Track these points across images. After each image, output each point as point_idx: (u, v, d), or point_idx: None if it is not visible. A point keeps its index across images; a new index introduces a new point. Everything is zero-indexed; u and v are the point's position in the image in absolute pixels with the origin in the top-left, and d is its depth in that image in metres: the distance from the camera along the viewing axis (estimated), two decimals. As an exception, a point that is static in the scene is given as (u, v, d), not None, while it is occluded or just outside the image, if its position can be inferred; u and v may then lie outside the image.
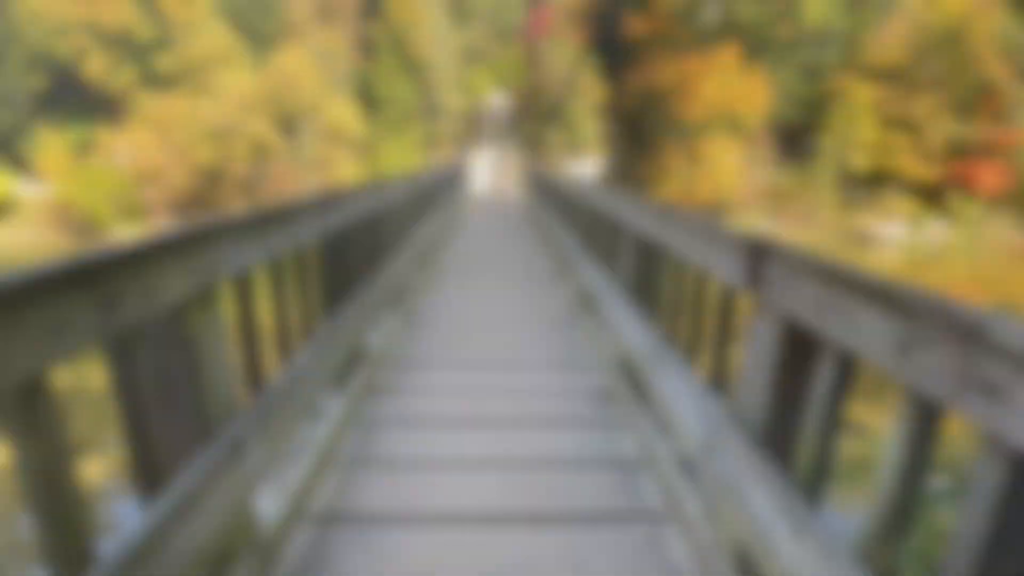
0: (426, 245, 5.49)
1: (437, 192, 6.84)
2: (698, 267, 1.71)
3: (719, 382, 1.72)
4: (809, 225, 26.87)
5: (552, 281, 5.41)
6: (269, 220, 1.52)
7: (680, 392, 1.71)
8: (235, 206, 25.34)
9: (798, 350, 1.19)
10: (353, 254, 2.59)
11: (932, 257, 23.89)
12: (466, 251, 7.15)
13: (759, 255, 1.33)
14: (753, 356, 1.35)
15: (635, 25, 29.39)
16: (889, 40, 26.30)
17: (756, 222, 26.90)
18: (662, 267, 2.20)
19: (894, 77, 26.61)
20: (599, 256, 3.44)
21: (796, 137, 29.47)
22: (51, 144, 24.84)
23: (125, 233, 23.85)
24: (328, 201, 2.11)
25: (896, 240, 26.06)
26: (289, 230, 1.66)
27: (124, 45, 27.17)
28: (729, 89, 24.40)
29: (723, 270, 1.54)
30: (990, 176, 25.42)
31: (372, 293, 2.89)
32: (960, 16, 25.13)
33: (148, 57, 27.95)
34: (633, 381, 2.21)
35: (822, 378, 1.04)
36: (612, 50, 28.50)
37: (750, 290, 1.38)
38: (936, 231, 26.95)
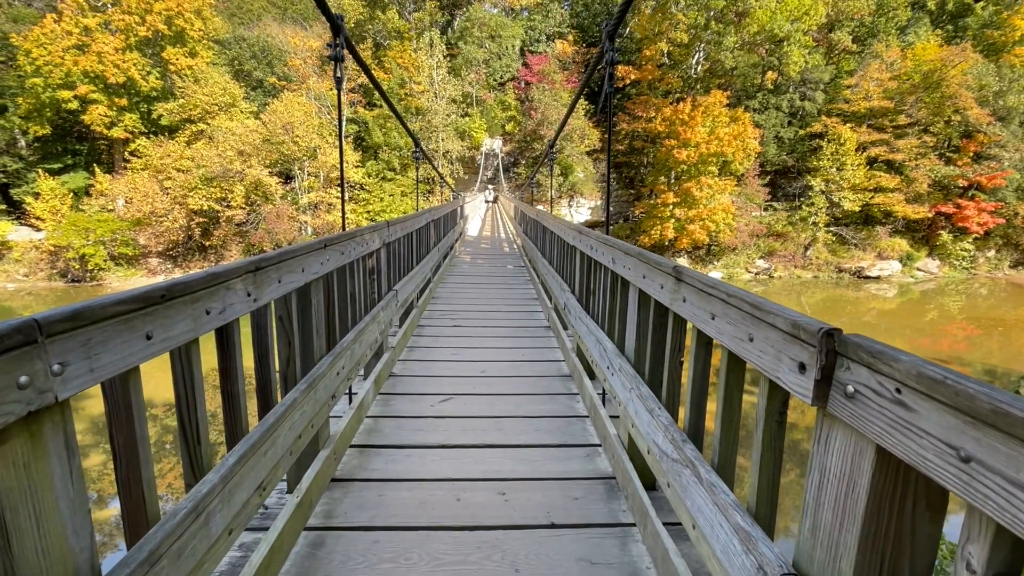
0: (413, 294, 5.19)
1: (427, 238, 6.59)
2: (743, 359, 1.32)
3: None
4: (802, 265, 26.97)
5: (547, 337, 5.08)
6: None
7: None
8: (229, 252, 25.19)
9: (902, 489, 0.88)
10: (312, 318, 2.26)
11: (927, 295, 23.89)
12: (454, 299, 6.84)
13: (832, 354, 0.95)
14: (830, 494, 1.01)
15: (625, 74, 30.45)
16: (868, 87, 27.25)
17: (750, 262, 26.97)
18: (681, 339, 1.92)
19: (877, 121, 27.43)
20: (599, 319, 3.14)
21: (785, 179, 30.05)
22: (47, 190, 24.83)
23: (115, 278, 23.55)
24: (263, 260, 1.70)
25: (890, 279, 26.12)
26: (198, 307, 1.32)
27: (127, 95, 27.71)
28: (718, 133, 24.93)
29: (769, 362, 1.16)
30: (978, 215, 25.83)
31: (338, 363, 2.51)
32: (935, 63, 26.18)
33: (150, 106, 28.49)
34: None
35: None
36: (603, 94, 29.31)
37: (819, 404, 1.04)
38: (929, 269, 27.10)
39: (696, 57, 30.06)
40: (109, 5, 27.76)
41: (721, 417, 1.48)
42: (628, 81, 30.88)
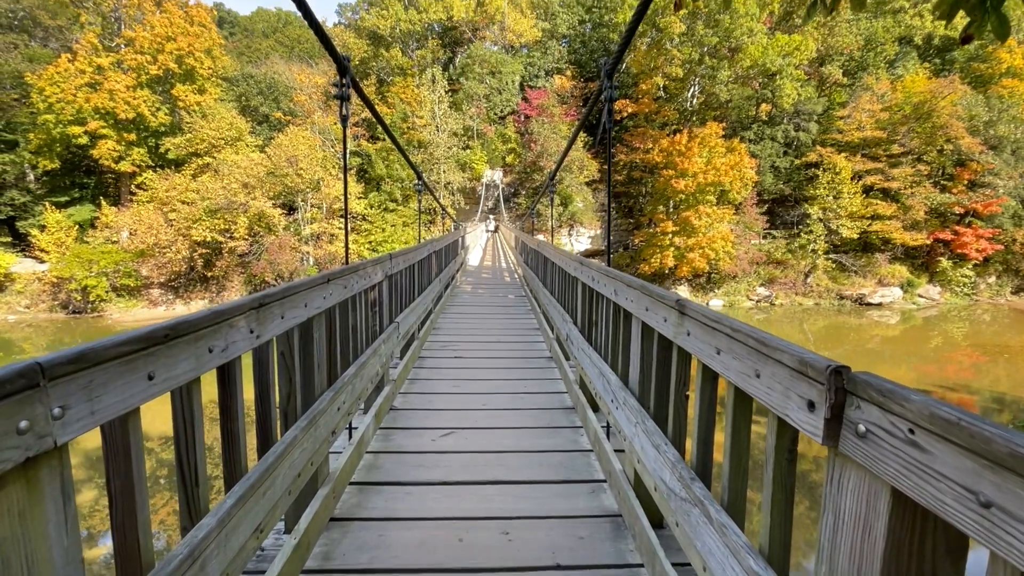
0: (415, 325, 5.17)
1: (429, 269, 6.62)
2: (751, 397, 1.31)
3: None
4: (803, 292, 26.97)
5: (549, 368, 5.03)
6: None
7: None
8: (230, 282, 25.29)
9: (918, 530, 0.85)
10: (314, 353, 2.24)
11: (930, 322, 23.79)
12: (456, 330, 6.81)
13: (841, 392, 0.93)
14: (843, 536, 0.97)
15: (623, 107, 31.19)
16: (861, 118, 27.84)
17: (751, 290, 26.98)
18: (685, 372, 1.89)
19: (871, 150, 27.92)
20: (602, 351, 3.11)
21: (783, 207, 30.38)
22: (53, 223, 25.14)
23: (116, 309, 23.58)
24: (267, 297, 1.68)
25: (892, 305, 26.07)
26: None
27: (136, 130, 28.39)
28: (715, 163, 25.34)
29: (777, 399, 1.14)
30: (976, 241, 25.99)
31: (339, 398, 2.47)
32: (925, 95, 26.82)
33: (158, 140, 29.15)
34: None
35: None
36: (602, 126, 29.96)
37: (830, 444, 1.02)
38: (930, 295, 27.07)
39: (691, 90, 30.84)
40: (123, 45, 28.71)
41: (729, 454, 1.45)
42: (625, 114, 31.60)
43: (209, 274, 24.96)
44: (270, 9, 60.12)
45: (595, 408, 3.35)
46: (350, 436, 2.89)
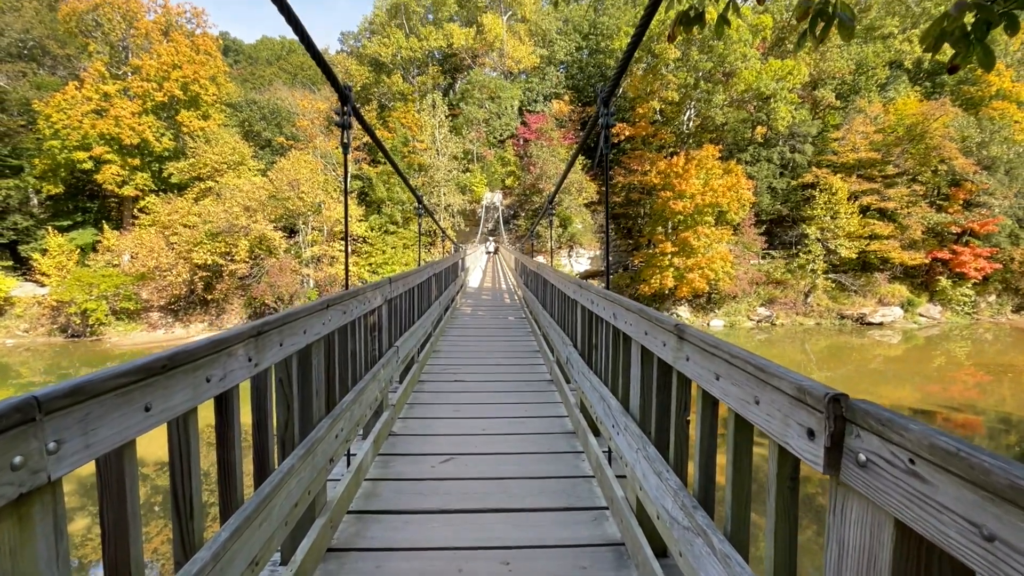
0: (414, 349, 5.15)
1: (428, 292, 6.62)
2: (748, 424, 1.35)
3: None
4: (804, 312, 26.95)
5: (549, 391, 4.99)
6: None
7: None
8: (230, 305, 25.29)
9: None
10: (312, 380, 2.23)
11: (932, 341, 23.70)
12: (456, 352, 6.78)
13: (840, 420, 0.93)
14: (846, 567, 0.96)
15: (620, 130, 31.67)
16: (855, 140, 28.24)
17: (751, 310, 26.96)
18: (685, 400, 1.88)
19: (866, 171, 28.25)
20: (602, 374, 3.10)
21: (781, 227, 30.60)
22: (55, 247, 25.29)
23: (115, 332, 23.52)
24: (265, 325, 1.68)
25: (893, 325, 26.01)
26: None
27: (140, 155, 28.78)
28: (712, 184, 25.61)
29: (777, 427, 1.14)
30: (974, 260, 26.09)
31: (337, 425, 2.44)
32: (917, 117, 27.28)
33: (161, 165, 29.53)
34: None
35: None
36: (599, 151, 30.36)
37: (831, 472, 1.01)
38: (931, 314, 27.04)
39: (687, 114, 31.36)
40: (130, 73, 29.32)
41: (732, 482, 1.43)
42: (623, 137, 32.05)
43: (209, 297, 24.97)
44: (274, 37, 61.50)
45: (596, 432, 3.31)
46: (348, 463, 2.86)
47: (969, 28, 1.41)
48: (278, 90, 40.36)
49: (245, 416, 1.68)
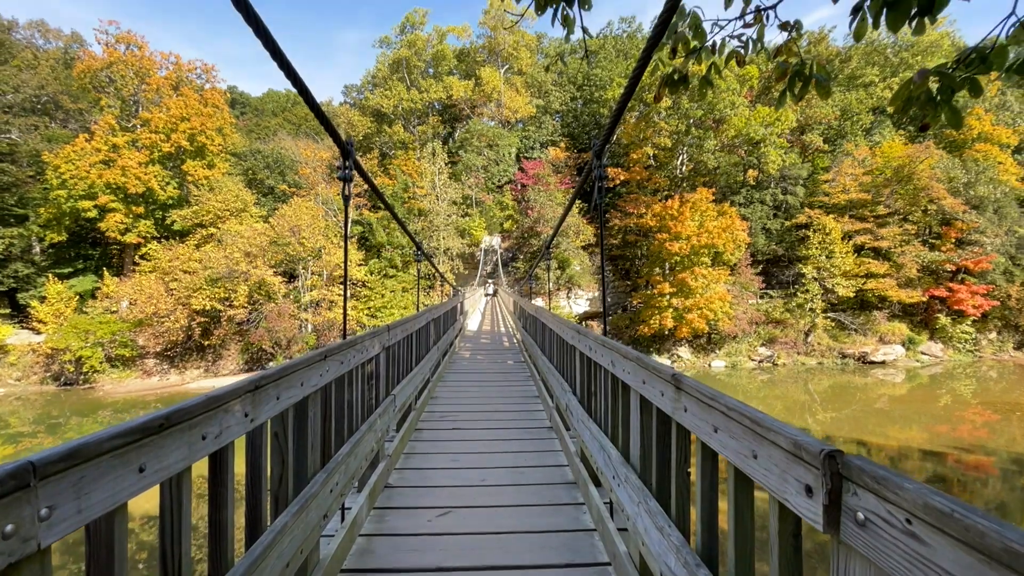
0: (412, 396, 5.09)
1: (427, 338, 6.60)
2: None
3: None
4: (805, 351, 26.79)
5: (549, 439, 4.89)
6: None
7: None
8: (227, 351, 25.09)
9: None
10: (308, 432, 2.19)
11: (936, 380, 23.44)
12: (454, 399, 6.69)
13: (837, 477, 0.92)
14: None
15: (615, 175, 32.50)
16: (845, 181, 28.97)
17: (752, 350, 26.80)
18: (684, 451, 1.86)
19: (858, 212, 28.81)
20: (602, 423, 3.06)
21: (777, 267, 30.89)
22: (54, 294, 25.33)
23: (108, 380, 23.21)
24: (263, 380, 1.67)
25: (896, 363, 25.81)
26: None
27: (145, 203, 29.33)
28: (707, 226, 26.02)
29: (775, 483, 1.13)
30: (971, 297, 26.19)
31: (332, 479, 2.39)
32: (903, 159, 28.10)
33: (165, 213, 30.04)
34: None
35: None
36: (594, 200, 31.04)
37: (831, 532, 1.00)
38: (933, 352, 26.88)
39: (680, 159, 32.27)
40: (139, 126, 30.30)
41: (735, 539, 1.39)
42: (618, 181, 32.84)
43: (206, 343, 24.81)
44: (280, 90, 64.02)
45: (597, 483, 3.23)
46: (342, 518, 2.77)
47: (935, 92, 1.50)
48: (282, 140, 41.63)
49: (239, 466, 1.65)
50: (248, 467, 1.73)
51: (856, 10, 1.59)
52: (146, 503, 9.73)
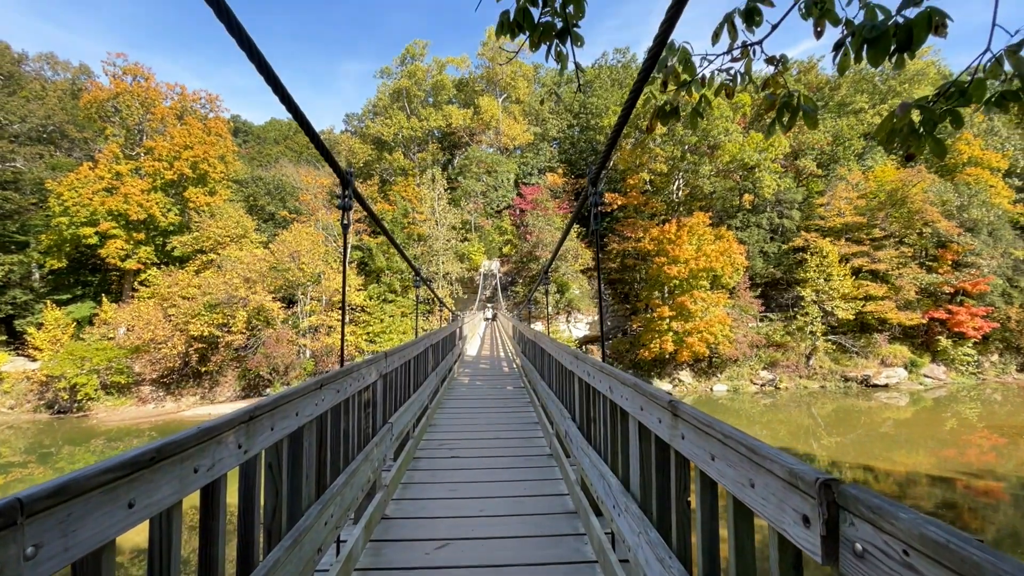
0: (410, 424, 5.03)
1: (425, 364, 6.57)
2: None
3: None
4: (807, 374, 26.60)
5: (549, 467, 4.82)
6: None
7: None
8: (224, 377, 24.88)
9: None
10: (303, 463, 2.16)
11: (940, 403, 23.22)
12: (452, 426, 6.62)
13: (833, 507, 0.91)
14: None
15: (612, 200, 32.88)
16: (840, 205, 29.29)
17: (754, 373, 26.61)
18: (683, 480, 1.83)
19: (854, 235, 29.03)
20: (601, 450, 3.02)
21: (776, 290, 30.94)
22: (51, 320, 25.24)
23: (103, 408, 22.93)
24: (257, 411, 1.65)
25: (899, 386, 25.60)
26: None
27: (146, 230, 29.52)
28: (705, 250, 26.16)
29: (773, 512, 1.11)
30: (971, 319, 26.17)
31: (327, 511, 2.34)
32: (896, 183, 28.48)
33: (165, 239, 30.20)
34: None
35: None
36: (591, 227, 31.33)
37: (830, 563, 0.98)
38: (936, 375, 26.70)
39: (676, 184, 32.69)
40: (142, 154, 30.73)
41: (736, 570, 1.37)
42: (615, 206, 33.19)
43: (203, 369, 24.61)
44: (282, 119, 65.22)
45: (598, 512, 3.18)
46: (338, 551, 2.71)
47: (918, 124, 1.54)
48: (284, 167, 42.22)
49: (230, 497, 1.62)
50: (241, 499, 1.70)
51: (838, 46, 1.66)
52: (136, 536, 9.50)
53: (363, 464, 3.04)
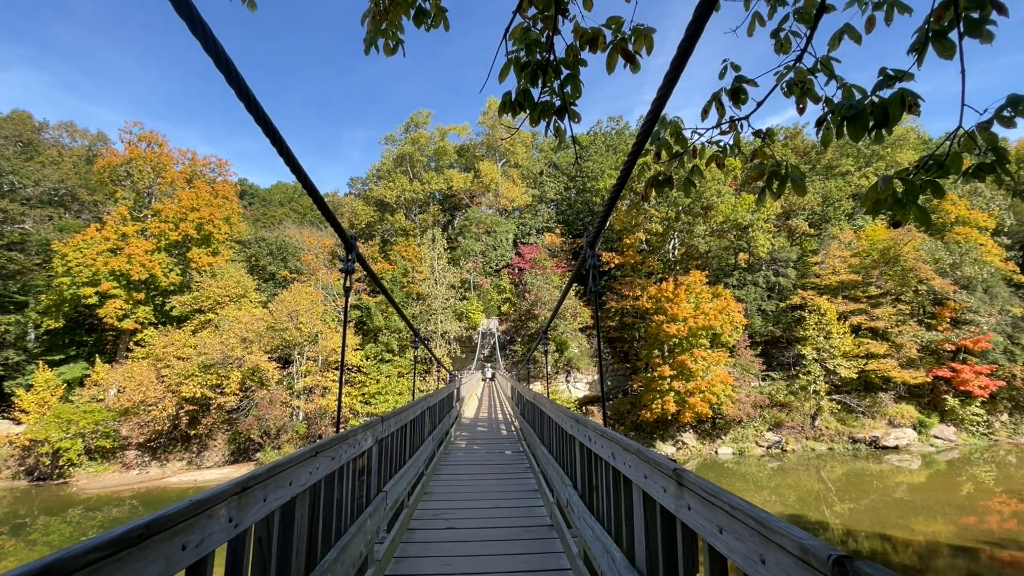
0: (405, 492, 4.83)
1: (421, 428, 6.40)
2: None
3: None
4: (813, 436, 25.87)
5: (550, 539, 4.58)
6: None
7: None
8: (213, 440, 24.11)
9: None
10: (294, 536, 2.05)
11: (954, 466, 22.44)
12: (449, 494, 6.35)
13: None
14: None
15: (609, 259, 33.41)
16: (834, 263, 29.76)
17: (759, 435, 25.88)
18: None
19: (850, 292, 29.28)
20: (604, 520, 2.89)
21: (776, 348, 30.73)
22: (41, 382, 24.75)
23: (85, 475, 22.02)
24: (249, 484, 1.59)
25: (909, 448, 24.83)
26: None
27: (146, 290, 29.65)
28: (703, 308, 26.23)
29: None
30: (976, 378, 25.83)
31: None
32: (888, 242, 29.10)
33: (165, 299, 30.27)
34: None
35: None
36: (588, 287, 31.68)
37: None
38: (946, 436, 25.97)
39: (672, 243, 33.36)
40: (150, 216, 31.47)
41: None
42: (613, 265, 33.67)
43: (192, 432, 23.87)
44: (288, 183, 67.52)
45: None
46: None
47: (900, 194, 1.62)
48: (287, 228, 43.17)
49: (217, 572, 1.53)
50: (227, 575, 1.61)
51: (820, 122, 1.77)
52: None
53: (356, 537, 2.89)
